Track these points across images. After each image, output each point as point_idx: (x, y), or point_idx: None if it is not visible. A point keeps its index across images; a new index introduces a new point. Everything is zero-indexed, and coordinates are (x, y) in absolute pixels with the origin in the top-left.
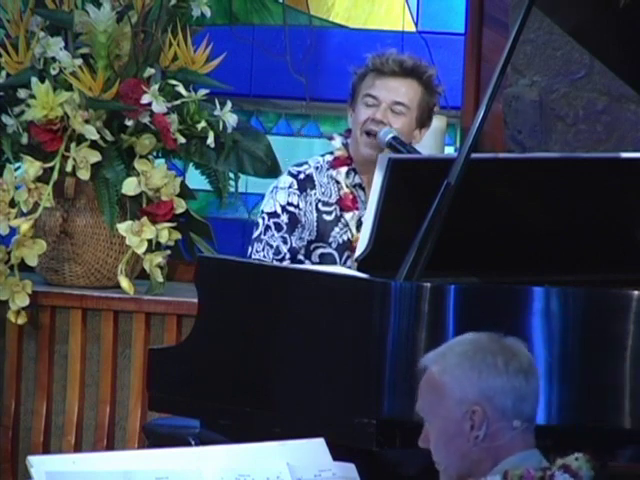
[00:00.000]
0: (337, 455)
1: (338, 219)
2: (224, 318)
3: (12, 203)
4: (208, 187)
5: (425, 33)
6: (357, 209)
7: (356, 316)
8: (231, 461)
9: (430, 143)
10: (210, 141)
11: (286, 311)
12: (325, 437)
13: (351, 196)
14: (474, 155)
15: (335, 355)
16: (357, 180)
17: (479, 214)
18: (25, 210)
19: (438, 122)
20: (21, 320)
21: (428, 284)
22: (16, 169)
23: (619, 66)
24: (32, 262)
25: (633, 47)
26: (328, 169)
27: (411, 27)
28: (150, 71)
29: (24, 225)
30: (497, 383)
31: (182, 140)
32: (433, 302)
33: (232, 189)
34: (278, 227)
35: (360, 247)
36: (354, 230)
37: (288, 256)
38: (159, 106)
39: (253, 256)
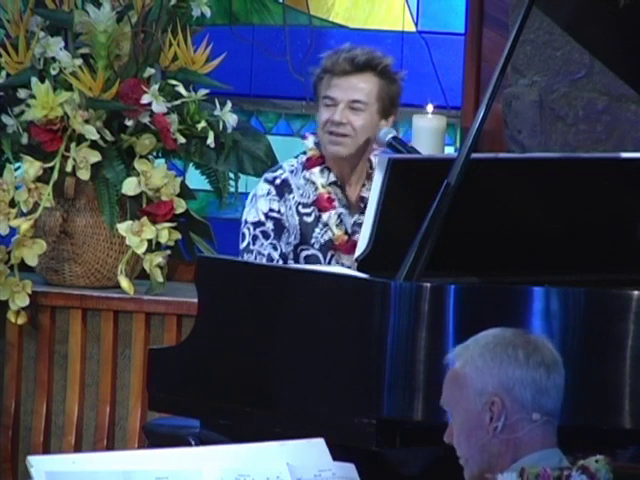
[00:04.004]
0: (337, 455)
1: (318, 220)
2: (224, 318)
3: (12, 203)
4: (208, 187)
5: (425, 33)
6: (334, 208)
7: (356, 316)
8: (231, 461)
9: (430, 143)
10: (210, 141)
11: (286, 311)
12: (325, 437)
13: (327, 195)
14: (474, 155)
15: (335, 355)
16: (332, 178)
17: (479, 214)
18: (25, 210)
19: (438, 122)
20: (21, 320)
21: (428, 284)
22: (16, 169)
23: (619, 66)
24: (32, 262)
25: (633, 47)
26: (302, 170)
27: (411, 27)
28: (150, 71)
29: (24, 225)
30: (516, 374)
31: (182, 140)
32: (433, 302)
33: (232, 189)
34: (265, 235)
35: (360, 247)
36: (334, 229)
37: (280, 262)
38: (159, 106)
39: None
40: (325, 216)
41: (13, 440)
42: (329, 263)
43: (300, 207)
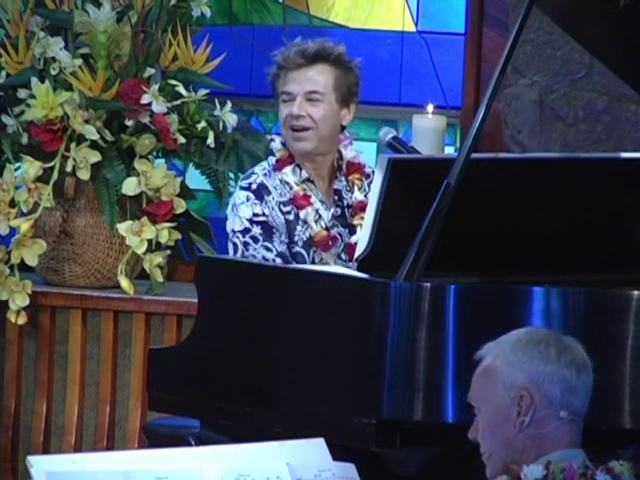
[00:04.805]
0: (337, 455)
1: (297, 218)
2: (224, 318)
3: (12, 203)
4: (208, 187)
5: (425, 33)
6: (311, 204)
7: (356, 316)
8: (231, 461)
9: (430, 143)
10: (210, 141)
11: (286, 311)
12: (325, 437)
13: (302, 193)
14: (474, 155)
15: (335, 355)
16: (304, 175)
17: (479, 214)
18: (25, 210)
19: (438, 122)
20: (21, 320)
21: (428, 284)
22: (16, 169)
23: (619, 66)
24: (32, 262)
25: (633, 47)
26: (274, 172)
27: (411, 27)
28: (150, 71)
29: (24, 225)
30: (547, 370)
31: (182, 140)
32: (433, 302)
33: (232, 189)
34: (255, 239)
35: (360, 247)
36: (313, 225)
37: (279, 260)
38: (159, 106)
39: None
40: (303, 213)
41: (13, 440)
42: (313, 260)
43: (281, 206)
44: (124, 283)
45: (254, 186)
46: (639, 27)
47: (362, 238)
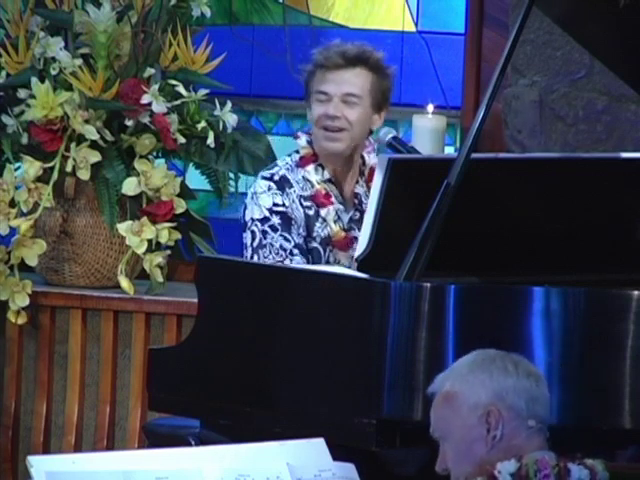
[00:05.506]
0: (337, 455)
1: (317, 214)
2: (224, 318)
3: (12, 203)
4: (208, 187)
5: (425, 33)
6: (332, 204)
7: (356, 316)
8: (231, 461)
9: (430, 143)
10: (210, 141)
11: (286, 311)
12: (325, 437)
13: (324, 192)
14: (474, 155)
15: (335, 355)
16: (327, 175)
17: (479, 214)
18: (25, 210)
19: (438, 122)
20: (21, 320)
21: (428, 284)
22: (16, 169)
23: (619, 66)
24: (32, 262)
25: (633, 47)
26: (297, 168)
27: (411, 27)
28: (150, 71)
29: (24, 225)
30: (508, 383)
31: (182, 140)
32: (433, 302)
33: (232, 189)
34: (274, 229)
35: (360, 247)
36: (332, 225)
37: (296, 251)
38: (159, 106)
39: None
40: (324, 211)
41: (13, 440)
42: (327, 258)
43: (302, 200)
44: (124, 283)
45: (276, 177)
46: (639, 27)
47: (362, 238)
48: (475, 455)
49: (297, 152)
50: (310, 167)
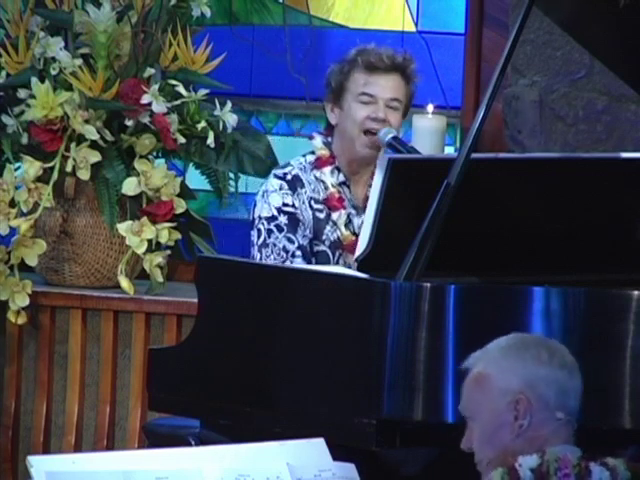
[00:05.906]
0: (337, 455)
1: (328, 217)
2: (224, 318)
3: (12, 203)
4: (208, 187)
5: (425, 33)
6: (344, 207)
7: (356, 316)
8: (231, 461)
9: (430, 143)
10: (210, 141)
11: (286, 311)
12: (325, 437)
13: (337, 195)
14: (474, 155)
15: (335, 355)
16: (342, 178)
17: (479, 214)
18: (25, 210)
19: (438, 122)
20: (21, 320)
21: (428, 284)
22: (16, 169)
23: (619, 66)
24: (32, 262)
25: (633, 47)
26: (312, 169)
27: (411, 27)
28: (150, 71)
29: (24, 225)
30: (541, 373)
31: (182, 140)
32: (433, 302)
33: (232, 189)
34: (279, 229)
35: (360, 247)
36: (343, 229)
37: (298, 253)
38: (159, 106)
39: (265, 262)
40: (335, 215)
41: (13, 440)
42: (337, 262)
43: (312, 202)
44: (124, 283)
45: (289, 177)
46: (639, 27)
47: (362, 238)
48: (500, 441)
49: (312, 153)
50: (327, 169)
